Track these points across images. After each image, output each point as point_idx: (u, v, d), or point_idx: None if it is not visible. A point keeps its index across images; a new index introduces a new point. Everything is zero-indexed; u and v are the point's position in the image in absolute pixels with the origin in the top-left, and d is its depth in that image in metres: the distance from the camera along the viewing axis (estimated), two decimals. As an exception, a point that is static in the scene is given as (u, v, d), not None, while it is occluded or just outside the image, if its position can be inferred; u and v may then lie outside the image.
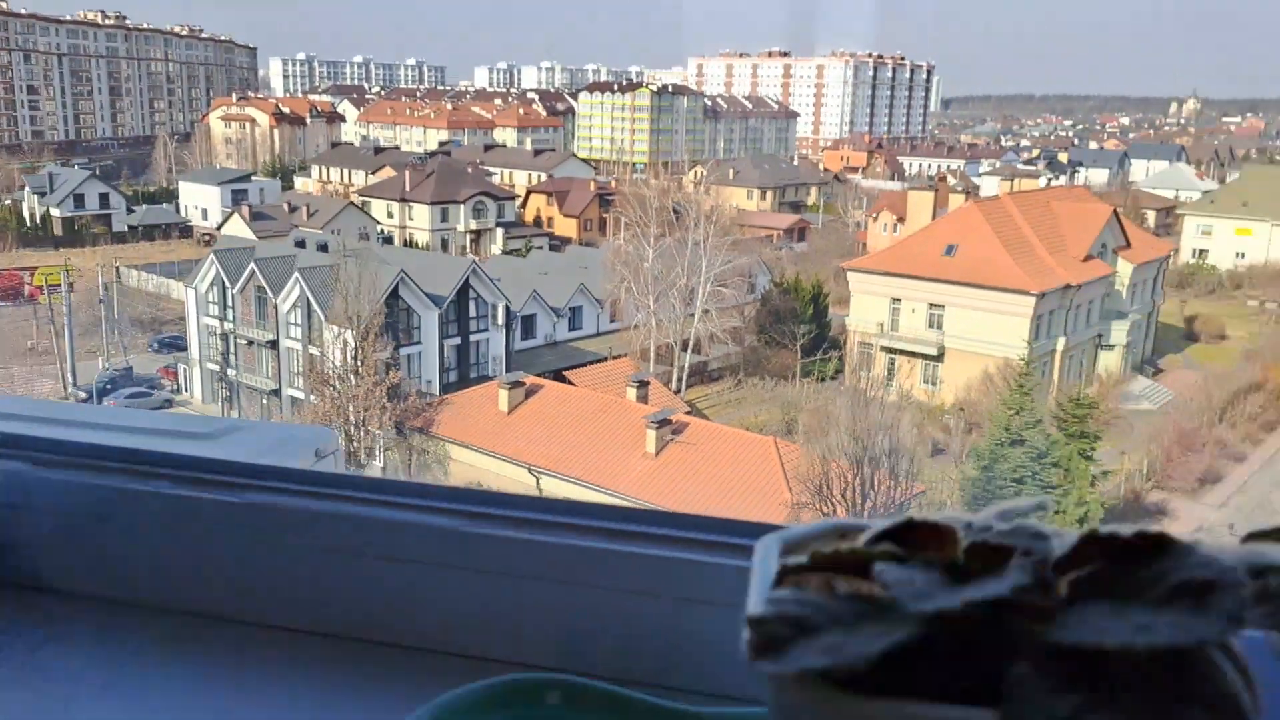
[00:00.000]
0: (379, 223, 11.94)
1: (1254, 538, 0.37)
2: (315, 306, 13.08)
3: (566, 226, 12.72)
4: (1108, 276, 16.51)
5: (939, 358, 15.59)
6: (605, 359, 13.47)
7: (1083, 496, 13.31)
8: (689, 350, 14.22)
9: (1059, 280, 15.33)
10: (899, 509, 11.58)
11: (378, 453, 9.69)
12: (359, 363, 10.62)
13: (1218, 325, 18.45)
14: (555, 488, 10.37)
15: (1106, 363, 16.38)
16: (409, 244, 12.28)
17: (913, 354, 15.43)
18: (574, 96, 67.38)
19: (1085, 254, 16.60)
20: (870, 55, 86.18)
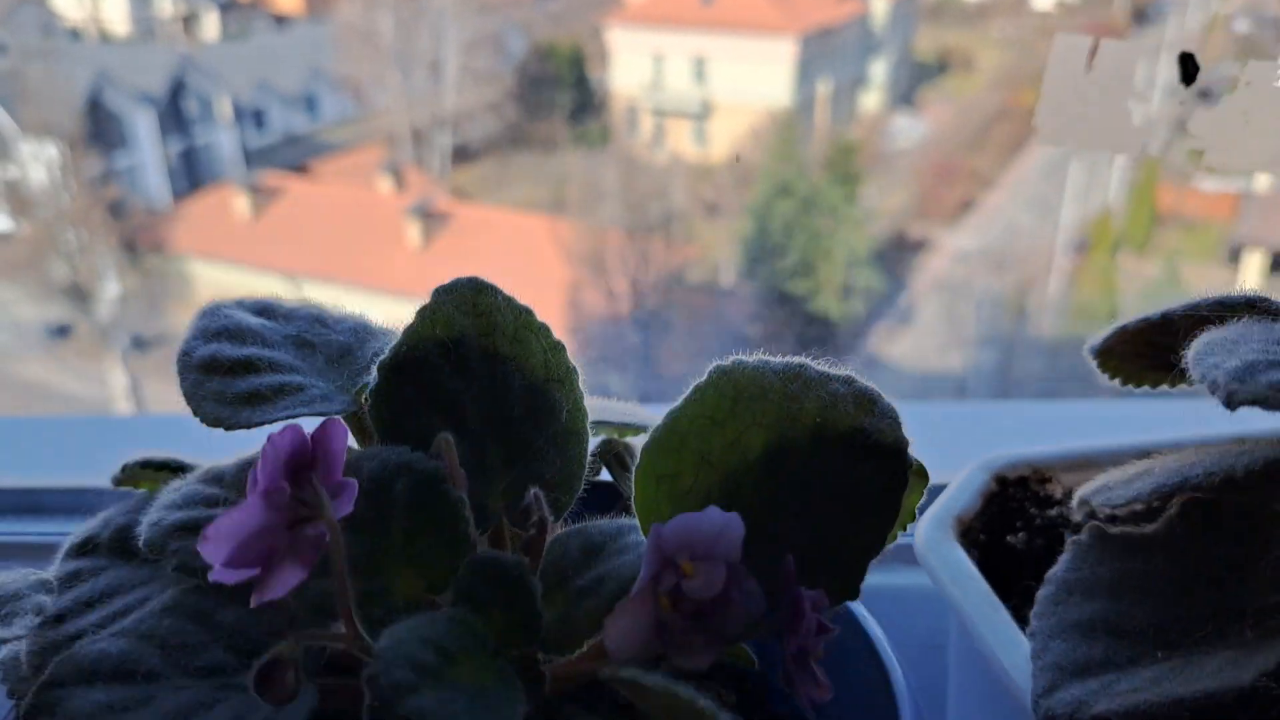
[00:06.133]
0: (60, 18, 11.44)
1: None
2: (4, 119, 12.65)
3: (288, 0, 12.32)
4: (864, 15, 16.95)
5: (706, 115, 16.11)
6: (351, 149, 13.47)
7: (849, 239, 14.18)
8: (450, 129, 14.25)
9: (817, 22, 15.72)
10: (676, 275, 12.06)
11: (110, 278, 9.80)
12: (69, 177, 10.48)
13: (967, 56, 19.65)
14: (317, 295, 10.64)
15: (868, 103, 17.27)
16: (104, 38, 11.95)
17: (680, 113, 15.90)
18: None
19: (841, -9, 17.05)
20: None
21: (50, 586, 0.29)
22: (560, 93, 15.84)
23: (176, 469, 0.35)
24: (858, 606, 0.34)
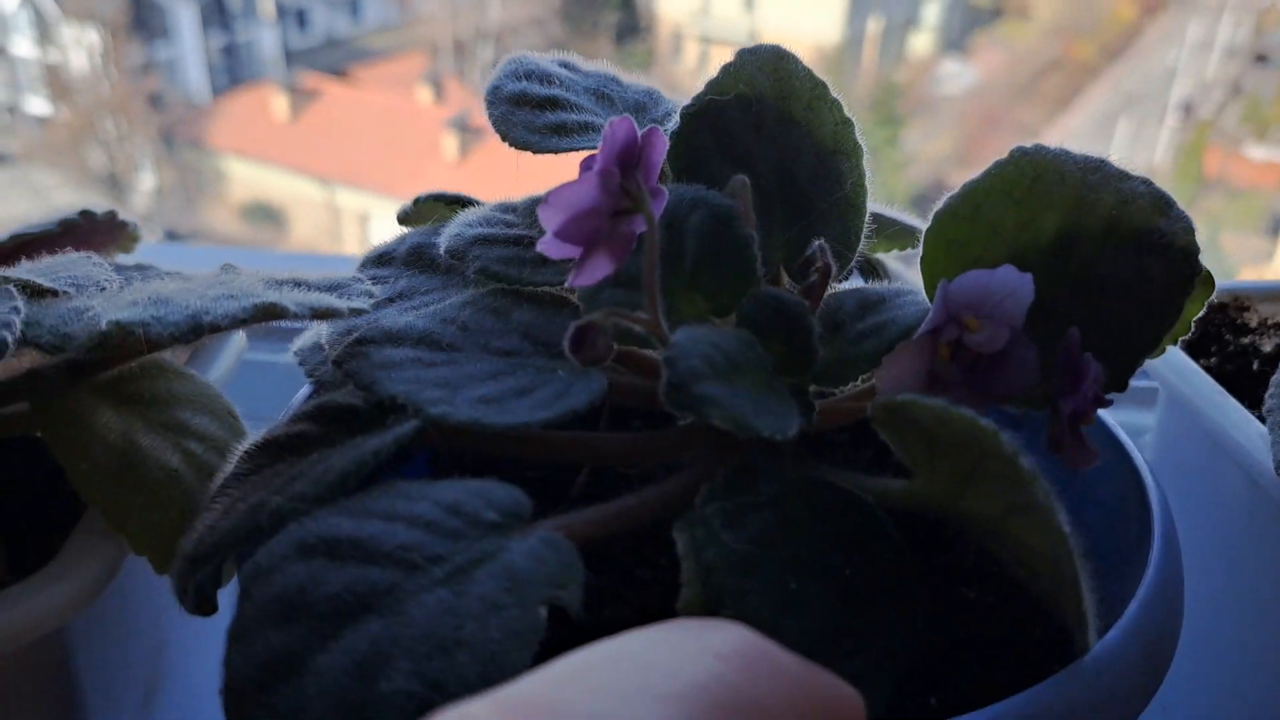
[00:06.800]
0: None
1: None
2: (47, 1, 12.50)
3: (337, -98, 12.06)
4: (922, -50, 16.51)
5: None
6: (392, 57, 13.30)
7: (887, 183, 13.98)
8: (493, 43, 14.05)
9: (874, -45, 15.35)
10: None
11: (147, 170, 9.76)
12: (109, 64, 10.36)
13: (1023, 1, 19.04)
14: (349, 201, 10.72)
15: (918, 45, 16.83)
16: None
17: (726, 42, 15.55)
18: None
19: (901, -75, 16.42)
20: None
21: (365, 281, 0.31)
22: (606, 13, 15.55)
23: (466, 203, 0.37)
24: (1108, 416, 0.35)
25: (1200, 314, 0.41)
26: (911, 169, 12.94)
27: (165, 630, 0.38)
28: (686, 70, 14.63)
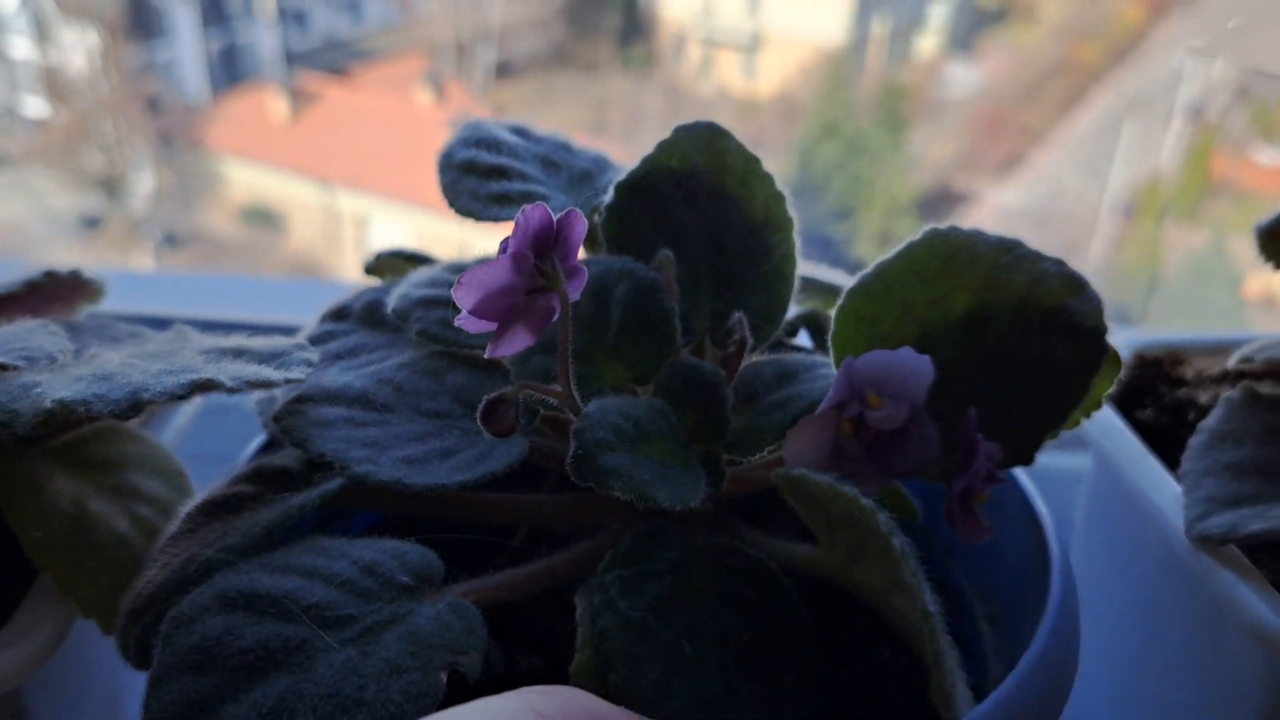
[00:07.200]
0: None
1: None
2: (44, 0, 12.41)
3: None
4: (928, -50, 16.33)
5: (756, 48, 15.61)
6: (393, 58, 13.28)
7: (891, 186, 13.94)
8: (495, 44, 14.01)
9: (879, -45, 15.25)
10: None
11: (145, 172, 9.74)
12: (108, 66, 10.33)
13: (1030, 3, 18.71)
14: (349, 204, 10.69)
15: (924, 47, 16.68)
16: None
17: (729, 44, 15.44)
18: None
19: (906, -75, 16.27)
20: None
21: (307, 349, 0.34)
22: (609, 14, 15.44)
23: (423, 260, 0.40)
24: (1026, 481, 0.37)
25: (1135, 369, 0.42)
26: (916, 173, 12.81)
27: (120, 680, 0.40)
28: (689, 72, 14.55)
